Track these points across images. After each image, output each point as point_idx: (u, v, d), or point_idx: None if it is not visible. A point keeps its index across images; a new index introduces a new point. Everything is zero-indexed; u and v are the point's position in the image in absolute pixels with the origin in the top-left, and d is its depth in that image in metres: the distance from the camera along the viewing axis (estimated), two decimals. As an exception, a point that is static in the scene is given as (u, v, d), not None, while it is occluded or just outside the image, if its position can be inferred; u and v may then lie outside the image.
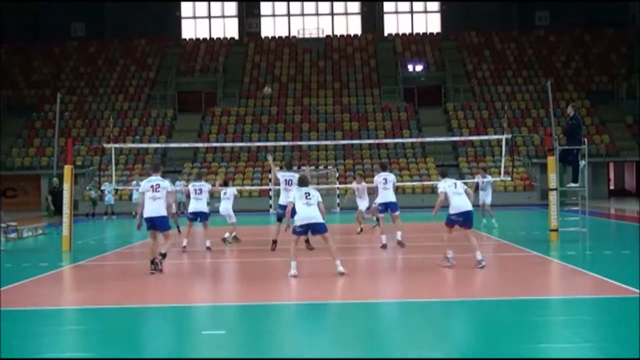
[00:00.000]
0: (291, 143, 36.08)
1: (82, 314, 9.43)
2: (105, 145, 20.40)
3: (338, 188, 31.52)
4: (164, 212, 12.03)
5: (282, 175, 15.72)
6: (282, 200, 15.61)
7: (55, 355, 7.24)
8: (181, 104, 43.00)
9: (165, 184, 12.23)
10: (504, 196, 34.69)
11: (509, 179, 19.98)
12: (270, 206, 31.55)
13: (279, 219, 15.75)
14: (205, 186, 16.65)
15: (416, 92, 42.67)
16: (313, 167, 33.34)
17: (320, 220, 11.49)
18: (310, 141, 36.32)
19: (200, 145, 35.43)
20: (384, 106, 41.93)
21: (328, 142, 35.64)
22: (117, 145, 21.62)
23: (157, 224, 12.03)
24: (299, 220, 11.41)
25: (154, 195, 11.94)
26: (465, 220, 12.44)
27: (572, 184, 17.15)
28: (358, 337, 7.85)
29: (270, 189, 30.38)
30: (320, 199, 11.73)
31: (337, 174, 34.58)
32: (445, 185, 12.61)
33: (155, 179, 12.20)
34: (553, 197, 16.53)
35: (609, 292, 10.04)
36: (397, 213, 15.50)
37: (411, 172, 36.28)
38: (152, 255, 11.97)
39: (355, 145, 37.79)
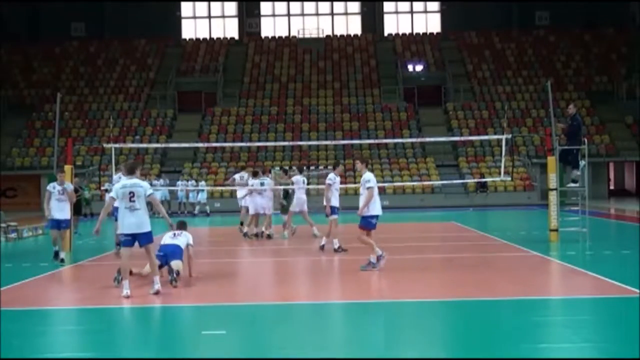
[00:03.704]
0: (291, 143, 36.09)
1: (82, 314, 9.43)
2: (105, 145, 20.41)
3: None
4: None
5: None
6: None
7: (55, 355, 7.24)
8: (181, 104, 42.95)
9: None
10: (504, 196, 34.73)
11: (509, 179, 19.96)
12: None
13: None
14: (69, 186, 14.67)
15: (416, 92, 42.60)
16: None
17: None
18: (310, 141, 36.29)
19: (200, 145, 35.44)
20: (384, 106, 41.90)
21: (328, 142, 35.60)
22: (117, 145, 21.54)
23: None
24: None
25: None
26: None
27: (572, 184, 17.15)
28: (358, 337, 7.85)
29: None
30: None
31: (336, 174, 34.54)
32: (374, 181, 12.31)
33: None
34: (553, 197, 16.54)
35: (609, 292, 10.04)
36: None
37: (411, 172, 36.26)
38: None
39: (355, 145, 37.72)
